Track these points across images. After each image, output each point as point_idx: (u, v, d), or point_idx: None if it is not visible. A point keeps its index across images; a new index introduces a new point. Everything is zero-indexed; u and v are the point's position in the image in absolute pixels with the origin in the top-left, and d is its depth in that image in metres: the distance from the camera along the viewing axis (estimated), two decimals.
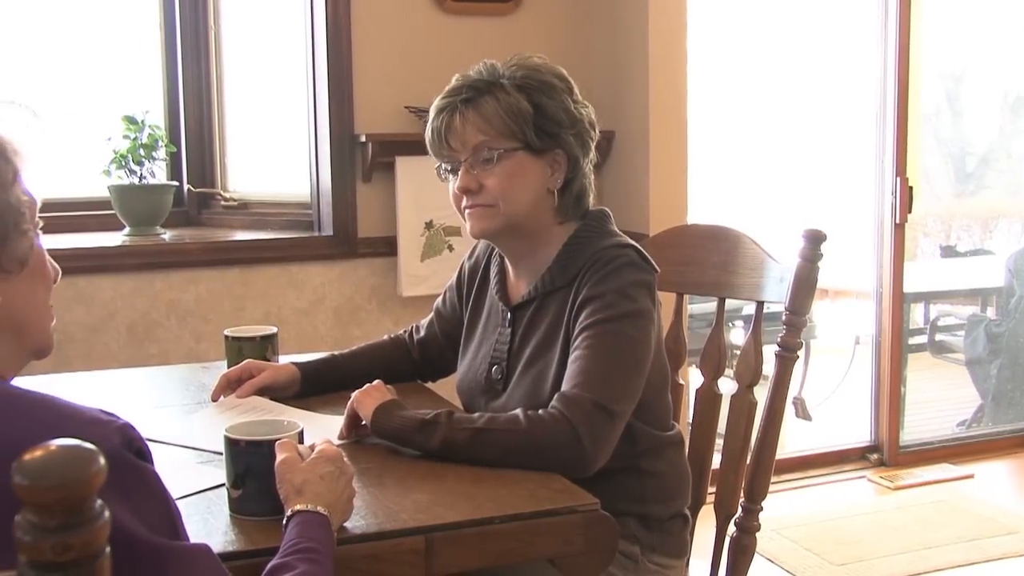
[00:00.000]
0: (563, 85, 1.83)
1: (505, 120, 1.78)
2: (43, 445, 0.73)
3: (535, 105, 1.79)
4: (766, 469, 2.01)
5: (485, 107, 1.78)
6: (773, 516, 2.12)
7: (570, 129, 1.81)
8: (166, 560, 1.03)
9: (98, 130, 3.44)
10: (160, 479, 1.08)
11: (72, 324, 3.18)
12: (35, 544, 0.70)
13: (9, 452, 0.90)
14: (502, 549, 1.45)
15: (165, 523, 1.06)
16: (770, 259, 2.07)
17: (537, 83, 1.80)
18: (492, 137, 1.79)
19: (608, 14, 3.63)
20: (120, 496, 0.76)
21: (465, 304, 2.05)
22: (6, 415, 1.00)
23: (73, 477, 0.71)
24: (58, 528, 0.71)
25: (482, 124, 1.78)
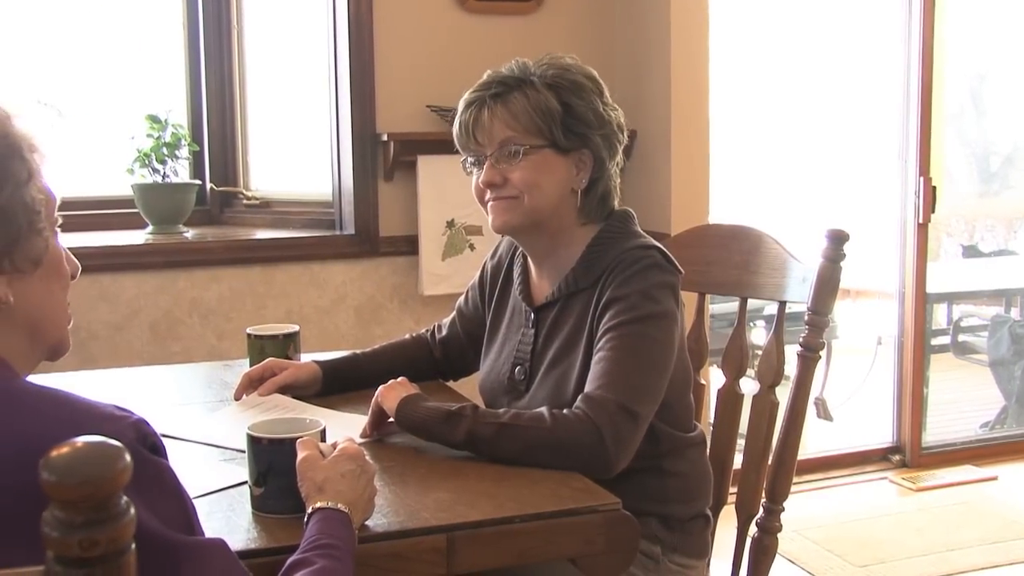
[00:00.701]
0: (593, 86, 1.83)
1: (533, 117, 1.78)
2: (70, 442, 0.74)
3: (564, 104, 1.79)
4: (788, 469, 2.00)
5: (514, 103, 1.79)
6: (794, 517, 2.11)
7: (598, 130, 1.81)
8: (181, 555, 1.04)
9: (122, 129, 3.46)
10: (175, 474, 1.09)
11: (96, 322, 3.20)
12: (62, 540, 0.71)
13: (25, 449, 0.91)
14: (523, 548, 1.45)
15: (180, 518, 1.07)
16: (792, 259, 2.06)
17: (568, 83, 1.81)
18: (519, 133, 1.79)
19: (630, 13, 3.62)
20: (135, 491, 0.76)
21: (487, 304, 2.05)
22: (21, 412, 1.01)
23: (99, 474, 0.72)
24: (85, 524, 0.71)
25: (510, 120, 1.79)
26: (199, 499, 1.47)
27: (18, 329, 1.15)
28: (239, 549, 1.31)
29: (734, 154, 5.37)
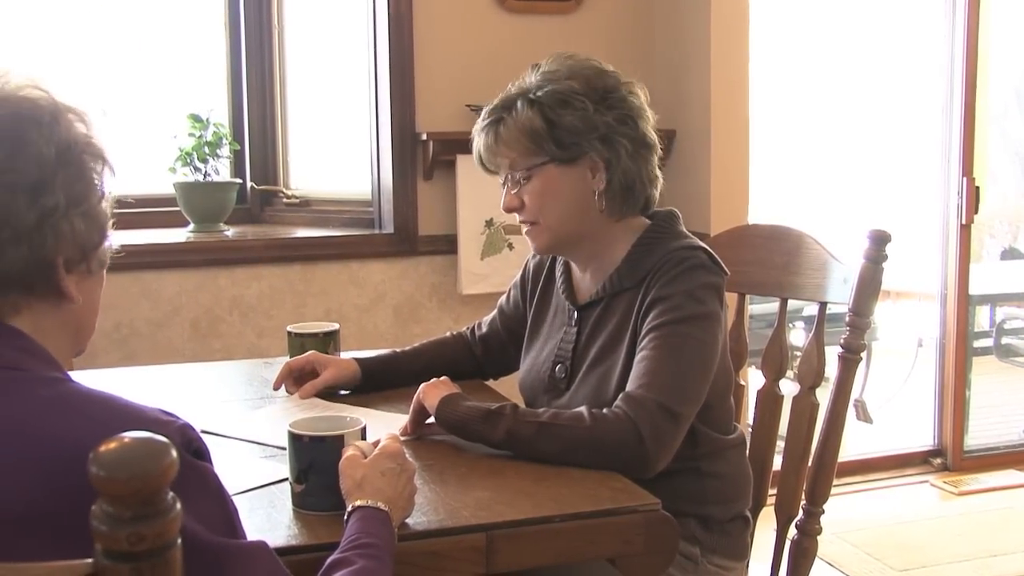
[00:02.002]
0: (584, 89, 1.80)
1: (522, 140, 1.80)
2: (118, 437, 0.75)
3: (547, 120, 1.78)
4: (828, 472, 1.99)
5: (505, 129, 1.81)
6: (834, 519, 2.10)
7: (592, 135, 1.79)
8: (225, 558, 1.04)
9: (164, 128, 3.49)
10: (218, 479, 1.09)
11: (138, 319, 3.23)
12: (111, 534, 0.72)
13: (72, 450, 0.92)
14: (562, 548, 1.45)
15: (223, 522, 1.08)
16: (833, 260, 2.05)
17: (551, 97, 1.79)
18: (519, 155, 1.82)
19: (670, 12, 3.61)
20: (179, 496, 0.77)
21: (529, 302, 2.05)
22: (69, 415, 1.02)
23: (147, 469, 0.73)
24: (132, 519, 0.72)
25: (506, 145, 1.82)
26: (240, 495, 1.49)
27: (69, 328, 1.16)
28: (280, 546, 1.32)
29: (774, 154, 5.33)
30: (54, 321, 1.14)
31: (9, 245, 1.06)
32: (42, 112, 1.09)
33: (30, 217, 1.06)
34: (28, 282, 1.09)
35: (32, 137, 1.07)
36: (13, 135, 1.06)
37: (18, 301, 1.09)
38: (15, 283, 1.08)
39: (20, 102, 1.08)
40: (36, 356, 1.09)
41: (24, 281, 1.08)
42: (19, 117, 1.07)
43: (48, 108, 1.10)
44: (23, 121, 1.07)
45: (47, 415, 1.01)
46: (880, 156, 6.10)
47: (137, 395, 1.07)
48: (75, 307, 1.15)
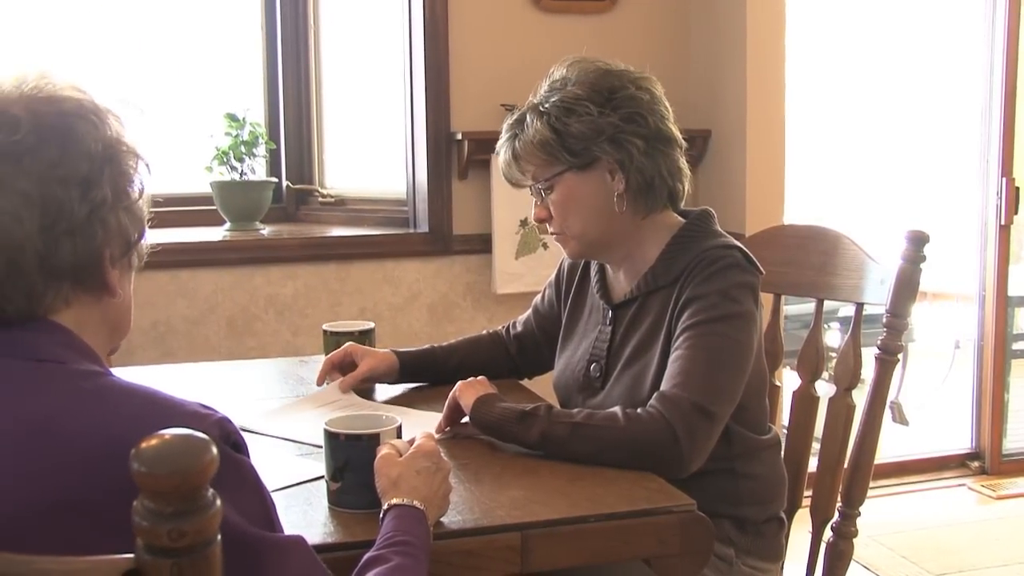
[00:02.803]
0: (587, 93, 1.80)
1: (536, 152, 1.82)
2: (159, 434, 0.75)
3: (556, 130, 1.80)
4: (864, 474, 1.98)
5: (520, 144, 1.84)
6: (869, 522, 2.08)
7: (598, 138, 1.79)
8: (263, 551, 1.05)
9: (201, 127, 3.52)
10: (256, 472, 1.11)
11: (175, 316, 3.26)
12: (152, 529, 0.73)
13: (113, 444, 0.94)
14: (597, 548, 1.45)
15: (261, 515, 1.09)
16: (870, 260, 2.03)
17: (555, 107, 1.80)
18: (538, 168, 1.84)
19: (705, 11, 3.60)
20: (219, 488, 0.78)
21: (564, 301, 2.05)
22: (109, 408, 1.03)
23: (187, 465, 0.73)
24: (173, 515, 0.73)
25: (524, 159, 1.85)
26: (276, 493, 1.49)
27: (108, 323, 1.19)
28: (316, 543, 1.32)
29: (810, 154, 5.30)
30: (95, 316, 1.16)
31: (64, 237, 1.08)
32: (86, 111, 1.12)
33: (82, 210, 1.09)
34: (78, 274, 1.11)
35: (80, 134, 1.10)
36: (63, 132, 1.09)
37: (68, 294, 1.12)
38: (67, 275, 1.10)
39: (65, 101, 1.11)
40: (78, 351, 1.11)
41: (75, 273, 1.11)
42: (66, 114, 1.10)
43: (91, 107, 1.13)
44: (70, 118, 1.10)
45: (88, 407, 1.03)
46: (918, 156, 6.05)
47: (174, 392, 1.09)
48: (115, 302, 1.18)
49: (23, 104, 1.08)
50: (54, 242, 1.08)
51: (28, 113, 1.07)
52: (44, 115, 1.08)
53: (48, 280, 1.09)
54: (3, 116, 1.06)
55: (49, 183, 1.06)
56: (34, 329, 1.10)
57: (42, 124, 1.08)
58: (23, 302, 1.09)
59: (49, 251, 1.08)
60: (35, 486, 0.97)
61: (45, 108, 1.09)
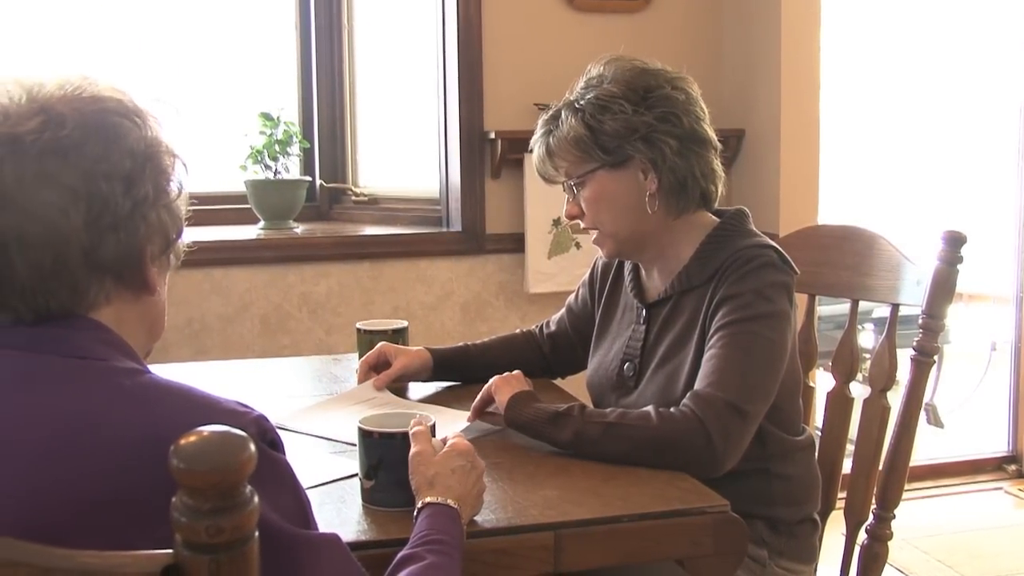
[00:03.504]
0: (622, 91, 1.80)
1: (570, 149, 1.82)
2: (197, 431, 0.76)
3: (590, 127, 1.80)
4: (900, 476, 1.96)
5: (554, 141, 1.85)
6: (904, 525, 2.07)
7: (632, 136, 1.79)
8: (299, 548, 1.06)
9: (236, 126, 3.54)
10: (292, 470, 1.11)
11: (209, 314, 3.28)
12: (190, 525, 0.74)
13: (151, 441, 0.95)
14: (630, 548, 1.44)
15: (297, 512, 1.09)
16: (907, 261, 2.02)
17: (590, 104, 1.80)
18: (571, 164, 1.84)
19: (739, 10, 3.58)
20: (255, 485, 0.78)
21: (597, 301, 2.05)
22: (147, 405, 1.04)
23: (226, 463, 0.74)
24: (211, 511, 0.74)
25: (558, 156, 1.85)
26: (310, 490, 1.50)
27: (145, 322, 1.20)
28: (349, 541, 1.32)
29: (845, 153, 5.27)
30: (134, 314, 1.17)
31: (108, 232, 1.10)
32: (128, 111, 1.14)
33: (125, 206, 1.10)
34: (120, 270, 1.13)
35: (123, 132, 1.12)
36: (107, 129, 1.10)
37: (110, 290, 1.13)
38: (110, 270, 1.12)
39: (107, 101, 1.13)
40: (117, 348, 1.12)
41: (117, 268, 1.12)
42: (109, 112, 1.12)
43: (132, 108, 1.14)
44: (114, 117, 1.12)
45: (127, 404, 1.04)
46: (955, 156, 6.00)
47: (209, 390, 1.10)
48: (152, 301, 1.19)
49: (67, 103, 1.10)
50: (98, 236, 1.09)
51: (72, 111, 1.09)
52: (88, 113, 1.10)
53: (92, 275, 1.10)
54: (49, 114, 1.08)
55: (94, 178, 1.08)
56: (75, 326, 1.11)
57: (87, 121, 1.09)
58: (67, 296, 1.10)
59: (93, 245, 1.09)
60: (76, 484, 0.98)
61: (89, 107, 1.11)
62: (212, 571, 0.75)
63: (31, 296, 1.08)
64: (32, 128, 1.06)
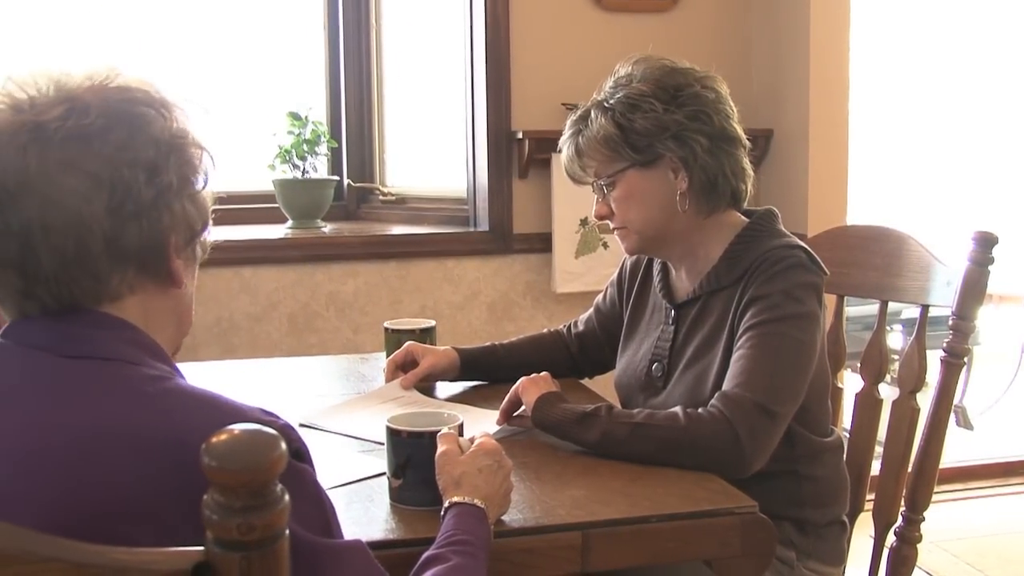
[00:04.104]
0: (652, 90, 1.80)
1: (600, 148, 1.82)
2: (228, 429, 0.77)
3: (620, 126, 1.79)
4: (929, 478, 1.95)
5: (583, 140, 1.85)
6: (933, 528, 2.05)
7: (662, 135, 1.78)
8: (321, 557, 1.06)
9: (264, 126, 3.56)
10: (317, 480, 1.11)
11: (237, 313, 3.30)
12: (222, 523, 0.74)
13: (175, 447, 0.95)
14: (658, 548, 1.44)
15: (320, 523, 1.09)
16: (937, 262, 2.01)
17: (620, 103, 1.80)
18: (600, 164, 1.84)
19: (768, 9, 3.57)
20: None
21: (626, 301, 2.05)
22: (173, 411, 1.05)
23: (257, 461, 0.74)
24: (243, 509, 0.74)
25: (588, 156, 1.85)
26: (338, 489, 1.51)
27: (173, 315, 1.20)
28: (376, 540, 1.34)
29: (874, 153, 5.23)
30: (161, 307, 1.17)
31: (131, 220, 1.10)
32: (154, 101, 1.14)
33: (148, 194, 1.11)
34: (143, 259, 1.13)
35: (147, 121, 1.12)
36: (131, 118, 1.11)
37: (132, 279, 1.13)
38: (132, 258, 1.12)
39: (133, 91, 1.13)
40: (145, 349, 1.13)
41: (140, 257, 1.12)
42: (135, 102, 1.12)
43: (158, 99, 1.15)
44: (138, 106, 1.12)
45: (150, 411, 1.04)
46: (986, 156, 5.95)
47: (237, 388, 1.10)
48: (179, 294, 1.19)
49: (93, 92, 1.10)
50: (121, 224, 1.09)
51: (98, 99, 1.09)
52: (113, 102, 1.10)
53: (114, 263, 1.10)
54: (74, 102, 1.08)
55: (117, 165, 1.08)
56: (101, 325, 1.11)
57: (111, 110, 1.10)
58: (89, 284, 1.10)
59: (116, 233, 1.09)
60: (98, 490, 0.99)
61: (114, 96, 1.11)
62: (243, 568, 0.75)
63: (55, 285, 1.09)
64: (56, 116, 1.07)
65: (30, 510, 0.98)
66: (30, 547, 0.75)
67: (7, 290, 1.11)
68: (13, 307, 1.12)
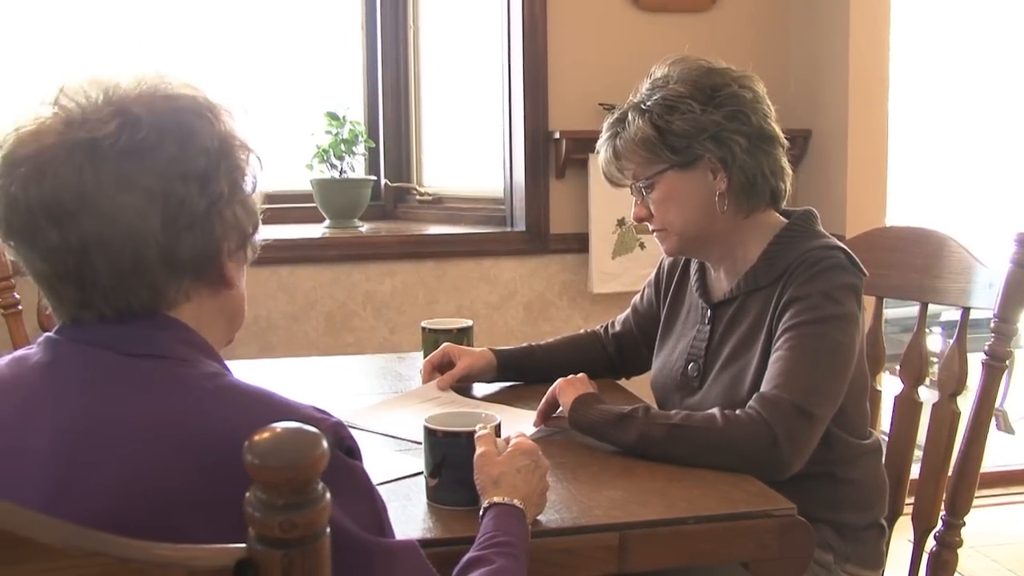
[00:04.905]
0: (689, 91, 1.79)
1: (638, 151, 1.82)
2: (270, 427, 0.77)
3: (658, 128, 1.79)
4: (970, 483, 1.93)
5: (621, 143, 1.84)
6: (973, 532, 2.03)
7: (701, 135, 1.78)
8: (373, 556, 1.07)
9: (302, 126, 3.58)
10: (369, 477, 1.12)
11: (275, 312, 3.32)
12: (264, 520, 0.75)
13: (228, 442, 0.96)
14: (695, 550, 1.44)
15: (372, 520, 1.10)
16: (978, 263, 1.99)
17: (657, 104, 1.80)
18: (639, 166, 1.84)
19: (807, 8, 3.55)
20: (330, 491, 0.79)
21: (663, 301, 2.05)
22: (227, 407, 1.06)
23: (299, 459, 0.75)
24: (285, 507, 0.75)
25: (626, 158, 1.85)
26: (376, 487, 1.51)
27: (224, 315, 1.22)
28: (414, 538, 1.34)
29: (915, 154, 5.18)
30: (213, 309, 1.19)
31: (185, 231, 1.11)
32: (201, 107, 1.15)
33: (201, 205, 1.12)
34: (198, 268, 1.15)
35: (197, 130, 1.13)
36: (182, 129, 1.12)
37: (188, 288, 1.15)
38: (188, 268, 1.14)
39: (180, 99, 1.14)
40: (198, 348, 1.15)
41: (195, 266, 1.14)
42: (183, 111, 1.13)
43: (205, 104, 1.16)
44: (187, 115, 1.13)
45: (206, 407, 1.06)
46: None
47: (276, 388, 1.11)
48: (231, 295, 1.21)
49: (142, 103, 1.11)
50: (175, 236, 1.11)
51: (148, 112, 1.11)
52: (163, 113, 1.12)
53: (170, 274, 1.12)
54: (126, 116, 1.09)
55: (170, 179, 1.10)
56: (157, 326, 1.13)
57: (161, 122, 1.11)
58: (147, 295, 1.12)
59: (171, 245, 1.11)
60: (153, 483, 1.00)
61: (163, 106, 1.12)
62: (284, 566, 0.76)
63: (112, 296, 1.11)
64: (109, 132, 1.08)
65: (89, 500, 1.00)
66: (75, 541, 0.76)
67: (63, 300, 1.13)
68: (67, 315, 1.14)
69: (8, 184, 1.08)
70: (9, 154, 1.09)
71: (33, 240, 1.09)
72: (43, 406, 1.08)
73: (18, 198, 1.07)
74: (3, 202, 1.09)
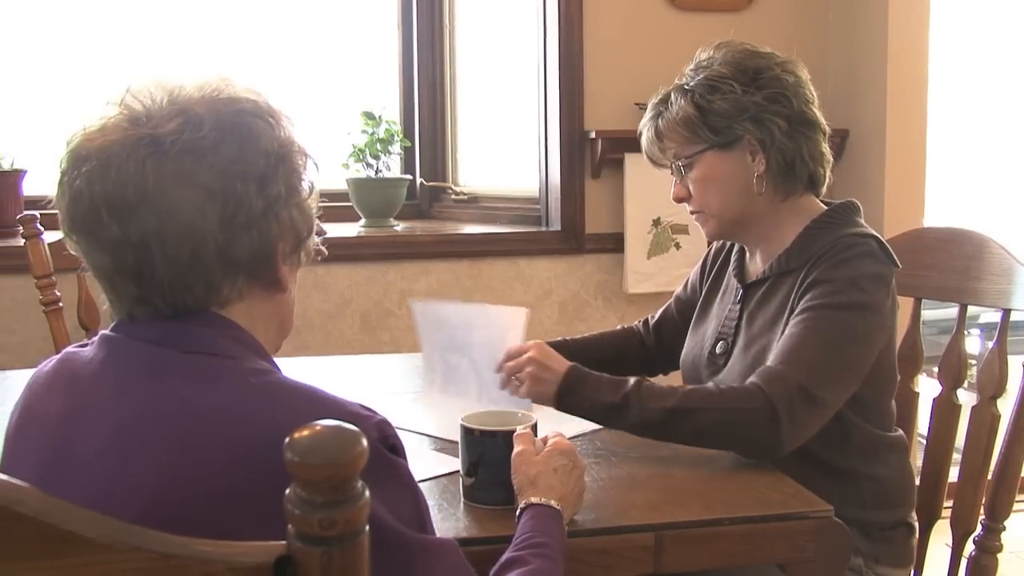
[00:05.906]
0: (732, 72, 1.80)
1: (679, 130, 1.82)
2: (310, 425, 0.78)
3: (699, 107, 1.79)
4: (1010, 486, 1.91)
5: (663, 122, 1.85)
6: (1014, 537, 2.01)
7: (741, 116, 1.78)
8: (414, 552, 1.07)
9: (339, 125, 3.60)
10: (411, 475, 1.13)
11: (311, 310, 3.34)
12: (303, 517, 0.75)
13: (275, 437, 0.97)
14: (731, 551, 1.44)
15: (414, 516, 1.11)
16: (1019, 264, 1.97)
17: (700, 84, 1.80)
18: (679, 145, 1.84)
19: (845, 7, 3.52)
20: (373, 488, 0.80)
21: (704, 283, 2.06)
22: (274, 403, 1.08)
23: (338, 457, 0.75)
24: (324, 504, 0.75)
25: (667, 137, 1.85)
26: None
27: (276, 318, 1.24)
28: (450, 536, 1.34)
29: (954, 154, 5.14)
30: (265, 311, 1.20)
31: (242, 230, 1.13)
32: (263, 111, 1.17)
33: (258, 205, 1.13)
34: (253, 267, 1.16)
35: (257, 132, 1.15)
36: (242, 130, 1.14)
37: (243, 287, 1.16)
38: (243, 267, 1.15)
39: (243, 102, 1.16)
40: (248, 346, 1.16)
41: (250, 266, 1.16)
42: (245, 114, 1.15)
43: (266, 109, 1.18)
44: (248, 118, 1.15)
45: (256, 403, 1.07)
46: None
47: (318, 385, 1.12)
48: (283, 298, 1.23)
49: (205, 104, 1.13)
50: (233, 235, 1.12)
51: (210, 112, 1.12)
52: (225, 114, 1.13)
53: (226, 272, 1.14)
54: (188, 115, 1.11)
55: (230, 178, 1.11)
56: (209, 324, 1.14)
57: (223, 123, 1.12)
58: (202, 292, 1.13)
59: (228, 243, 1.12)
60: (201, 477, 1.02)
61: (225, 108, 1.14)
62: (324, 563, 0.76)
63: (169, 291, 1.12)
64: (172, 129, 1.10)
65: (137, 494, 1.02)
66: (118, 536, 0.77)
67: (121, 295, 1.15)
68: (123, 311, 1.16)
69: (73, 179, 1.10)
70: (75, 150, 1.11)
71: (95, 234, 1.11)
72: (100, 402, 1.11)
73: (82, 192, 1.09)
74: (68, 196, 1.11)
